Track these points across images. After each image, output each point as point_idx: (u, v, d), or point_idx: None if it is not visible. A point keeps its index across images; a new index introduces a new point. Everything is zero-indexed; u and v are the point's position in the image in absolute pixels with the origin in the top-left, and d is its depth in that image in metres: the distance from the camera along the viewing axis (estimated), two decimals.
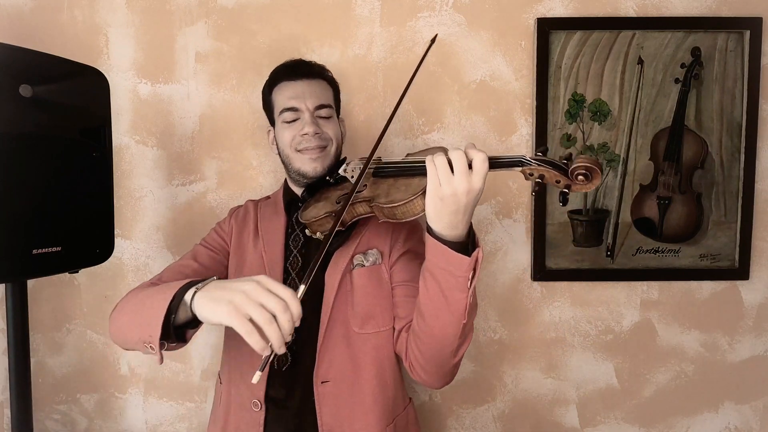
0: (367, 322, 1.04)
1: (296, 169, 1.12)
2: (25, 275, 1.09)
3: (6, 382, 1.28)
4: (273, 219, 1.15)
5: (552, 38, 1.40)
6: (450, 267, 0.83)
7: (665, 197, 1.44)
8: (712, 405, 1.51)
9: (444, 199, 0.79)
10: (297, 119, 1.10)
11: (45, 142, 1.04)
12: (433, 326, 0.89)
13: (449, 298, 0.85)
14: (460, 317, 0.86)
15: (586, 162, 0.77)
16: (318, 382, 1.01)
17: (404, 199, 0.87)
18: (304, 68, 1.14)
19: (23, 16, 1.40)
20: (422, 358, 0.95)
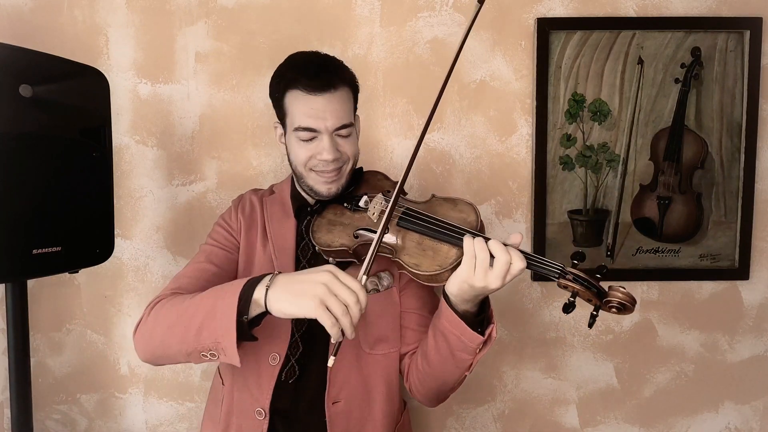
0: (378, 344, 1.04)
1: (308, 186, 1.05)
2: (25, 275, 1.09)
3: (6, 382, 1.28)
4: (283, 222, 1.09)
5: (552, 38, 1.40)
6: (464, 338, 0.87)
7: (665, 197, 1.44)
8: (712, 405, 1.51)
9: (474, 288, 0.83)
10: (314, 138, 1.00)
11: (45, 142, 1.04)
12: (438, 373, 0.95)
13: (456, 357, 0.90)
14: (464, 371, 0.92)
15: (624, 299, 0.79)
16: (329, 403, 1.00)
17: (432, 271, 0.87)
18: (324, 78, 0.98)
19: (23, 16, 1.40)
20: (423, 390, 1.01)
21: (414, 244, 0.92)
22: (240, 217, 1.11)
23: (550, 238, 1.44)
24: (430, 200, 1.01)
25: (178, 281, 1.02)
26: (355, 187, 1.09)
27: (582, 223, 1.45)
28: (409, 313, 1.06)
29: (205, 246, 1.10)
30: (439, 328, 0.91)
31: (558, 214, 1.44)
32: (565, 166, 1.43)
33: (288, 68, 1.03)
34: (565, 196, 1.44)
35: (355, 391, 1.02)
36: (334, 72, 1.01)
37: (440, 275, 0.87)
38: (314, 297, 0.74)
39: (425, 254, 0.90)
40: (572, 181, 1.44)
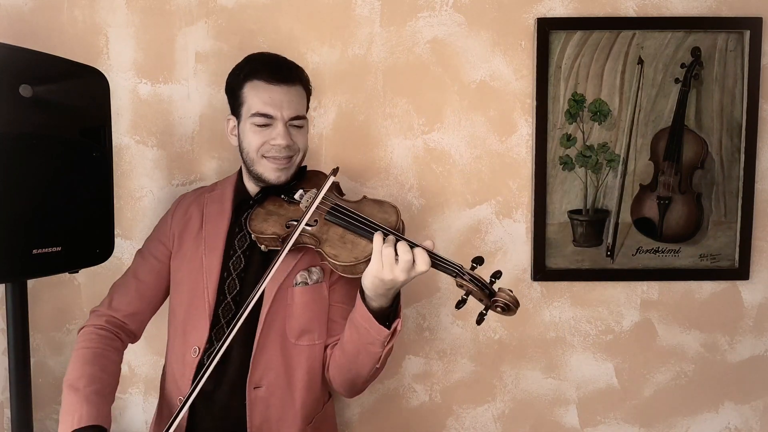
0: (303, 335, 1.09)
1: (258, 173, 1.11)
2: (25, 275, 1.09)
3: (6, 382, 1.28)
4: (217, 220, 1.14)
5: (552, 38, 1.40)
6: (372, 331, 0.95)
7: (665, 197, 1.44)
8: (712, 405, 1.51)
9: (384, 282, 0.90)
10: (268, 125, 1.07)
11: (45, 142, 1.04)
12: (353, 364, 1.02)
13: (368, 349, 0.98)
14: (375, 362, 0.99)
15: (509, 300, 0.88)
16: (251, 387, 1.05)
17: (348, 262, 0.96)
18: (285, 72, 1.09)
19: (23, 16, 1.40)
20: (340, 379, 1.08)
21: (337, 237, 1.00)
22: (173, 223, 1.18)
23: (550, 238, 1.44)
24: (361, 200, 1.11)
25: (111, 295, 1.15)
26: (297, 182, 1.15)
27: (582, 223, 1.45)
28: (335, 306, 1.12)
29: (137, 256, 1.20)
30: (353, 321, 0.99)
31: (558, 214, 1.44)
32: (565, 166, 1.43)
33: (250, 62, 1.12)
34: (565, 196, 1.44)
35: (277, 378, 1.07)
36: (293, 69, 1.12)
37: (356, 266, 0.96)
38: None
39: (345, 246, 0.98)
40: (572, 181, 1.44)
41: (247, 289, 1.08)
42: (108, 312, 1.13)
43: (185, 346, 1.09)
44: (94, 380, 1.01)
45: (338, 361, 1.06)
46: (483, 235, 1.46)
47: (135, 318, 1.15)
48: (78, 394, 0.97)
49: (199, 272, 1.10)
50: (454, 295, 1.46)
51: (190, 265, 1.12)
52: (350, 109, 1.43)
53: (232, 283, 1.10)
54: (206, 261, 1.10)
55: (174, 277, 1.15)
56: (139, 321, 1.17)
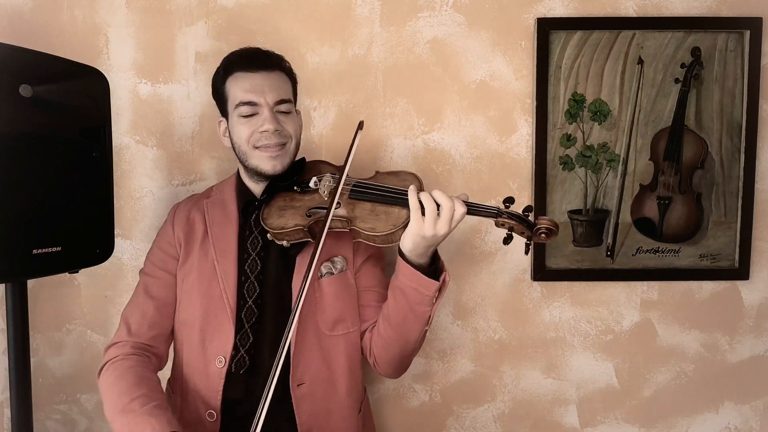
0: (336, 325, 1.08)
1: (254, 167, 1.08)
2: (25, 275, 1.10)
3: (6, 382, 1.28)
4: (224, 224, 1.11)
5: (552, 38, 1.40)
6: (421, 288, 0.94)
7: (665, 197, 1.44)
8: (712, 405, 1.51)
9: (425, 238, 0.90)
10: (255, 114, 1.05)
11: (45, 142, 1.04)
12: (400, 332, 1.01)
13: (416, 311, 0.97)
14: (424, 324, 0.99)
15: (549, 224, 0.93)
16: (294, 385, 1.03)
17: (387, 230, 0.96)
18: (263, 58, 1.08)
19: (23, 16, 1.40)
20: (388, 357, 1.06)
21: (367, 211, 1.00)
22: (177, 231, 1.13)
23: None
24: (376, 175, 1.11)
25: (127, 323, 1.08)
26: (299, 176, 1.13)
27: (582, 223, 1.45)
28: (365, 291, 1.12)
29: (143, 276, 1.14)
30: (397, 286, 0.97)
31: (558, 214, 1.44)
32: (565, 166, 1.43)
33: (227, 59, 1.11)
34: (565, 196, 1.44)
35: (318, 372, 1.05)
36: (271, 56, 1.11)
37: (395, 233, 0.96)
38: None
39: (378, 218, 0.98)
40: (572, 181, 1.44)
41: (268, 291, 1.06)
42: (130, 339, 1.06)
43: (206, 357, 1.05)
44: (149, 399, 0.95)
45: (383, 337, 1.04)
46: (483, 235, 1.46)
47: (159, 339, 1.10)
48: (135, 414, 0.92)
49: (213, 279, 1.06)
50: (454, 294, 1.46)
51: (200, 272, 1.08)
52: (350, 109, 1.43)
53: (251, 287, 1.07)
54: (220, 267, 1.07)
55: (182, 286, 1.10)
56: (164, 341, 1.12)
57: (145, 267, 1.15)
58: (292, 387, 1.03)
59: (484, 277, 1.46)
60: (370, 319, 1.11)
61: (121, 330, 1.08)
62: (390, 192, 1.00)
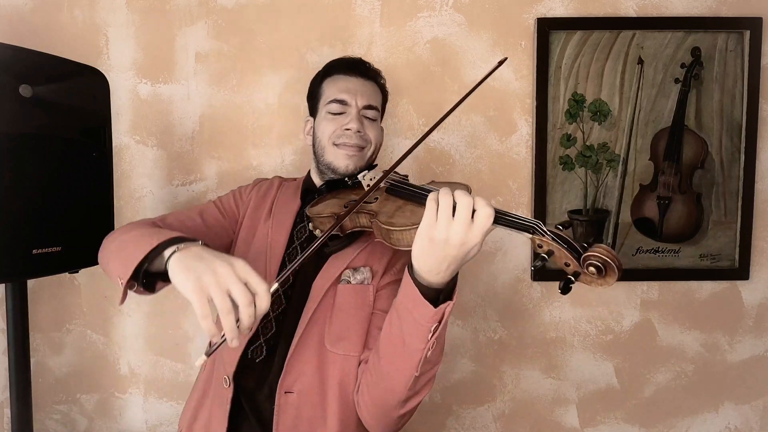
0: (339, 342, 0.98)
1: (327, 162, 1.09)
2: (25, 275, 1.09)
3: (6, 382, 1.28)
4: (288, 202, 1.13)
5: (552, 38, 1.40)
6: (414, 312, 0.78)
7: (665, 197, 1.44)
8: (712, 405, 1.51)
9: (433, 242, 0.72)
10: (343, 113, 1.08)
11: (45, 142, 1.04)
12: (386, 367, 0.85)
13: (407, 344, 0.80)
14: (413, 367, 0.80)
15: (606, 255, 0.65)
16: (281, 391, 0.96)
17: (402, 226, 0.80)
18: (362, 67, 1.13)
19: (23, 16, 1.40)
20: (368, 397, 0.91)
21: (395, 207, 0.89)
22: (252, 194, 1.17)
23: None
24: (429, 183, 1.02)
25: (165, 216, 1.08)
26: None
27: (582, 223, 1.45)
28: (379, 315, 1.00)
29: (209, 203, 1.16)
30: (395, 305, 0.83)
31: (558, 214, 1.44)
32: (565, 166, 1.43)
33: (330, 63, 1.15)
34: (565, 196, 1.44)
35: (309, 386, 0.97)
36: (372, 68, 1.15)
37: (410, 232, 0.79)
38: (196, 280, 0.70)
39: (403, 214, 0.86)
40: (572, 181, 1.44)
41: (299, 284, 1.04)
42: (157, 222, 1.05)
43: None
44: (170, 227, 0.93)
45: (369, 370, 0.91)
46: None
47: None
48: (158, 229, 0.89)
49: (263, 249, 1.07)
50: None
51: (257, 238, 1.10)
52: None
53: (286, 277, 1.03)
54: (271, 236, 1.08)
55: (239, 248, 1.11)
56: None
57: (215, 200, 1.17)
58: (278, 392, 0.96)
59: (484, 277, 1.46)
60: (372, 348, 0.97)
61: (159, 216, 1.08)
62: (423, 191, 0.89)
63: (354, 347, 0.98)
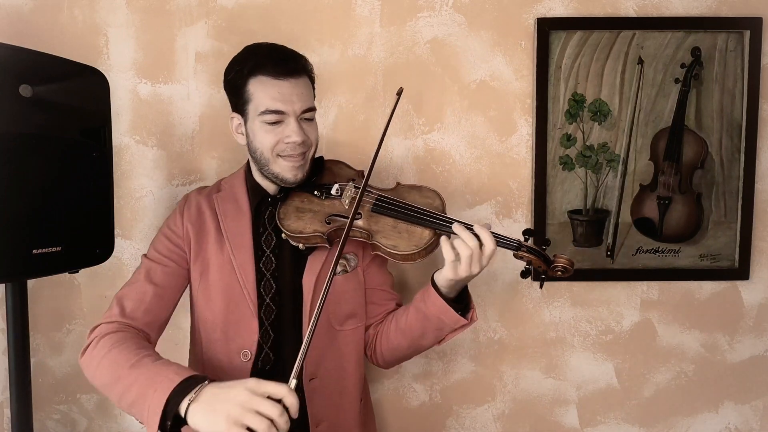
0: (347, 320, 1.11)
1: (274, 173, 1.05)
2: (25, 275, 1.10)
3: (6, 382, 1.28)
4: (238, 218, 1.09)
5: (552, 38, 1.40)
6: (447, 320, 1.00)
7: (665, 197, 1.44)
8: (712, 405, 1.51)
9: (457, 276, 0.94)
10: (280, 122, 1.01)
11: (45, 142, 1.04)
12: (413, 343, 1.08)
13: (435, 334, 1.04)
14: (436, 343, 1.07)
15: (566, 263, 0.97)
16: (306, 380, 1.05)
17: (409, 250, 0.99)
18: (292, 65, 1.03)
19: (23, 16, 1.40)
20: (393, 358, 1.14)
21: (389, 227, 1.02)
22: (186, 223, 1.10)
23: (550, 238, 1.43)
24: (397, 187, 1.12)
25: (121, 304, 1.02)
26: (318, 175, 1.12)
27: (582, 223, 1.45)
28: (373, 290, 1.15)
29: (146, 260, 1.09)
30: (422, 310, 1.02)
31: (558, 214, 1.44)
32: (565, 166, 1.43)
33: (251, 55, 1.04)
34: (565, 196, 1.44)
35: (329, 367, 1.08)
36: (298, 59, 1.06)
37: (416, 254, 0.99)
38: (227, 418, 0.73)
39: (401, 236, 1.00)
40: (572, 181, 1.44)
41: (285, 289, 1.07)
42: (123, 320, 1.00)
43: (229, 352, 1.04)
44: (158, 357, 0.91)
45: (393, 343, 1.10)
46: None
47: (153, 327, 1.04)
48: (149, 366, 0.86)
49: (231, 273, 1.05)
50: None
51: (218, 268, 1.06)
52: (350, 109, 1.43)
53: (268, 284, 1.06)
54: (236, 261, 1.05)
55: (198, 283, 1.08)
56: (157, 330, 1.07)
57: (148, 252, 1.11)
58: (304, 381, 1.04)
59: (484, 277, 1.46)
60: (375, 315, 1.15)
61: (113, 310, 1.01)
62: (414, 212, 1.02)
63: (361, 319, 1.13)
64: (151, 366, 0.86)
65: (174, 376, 0.82)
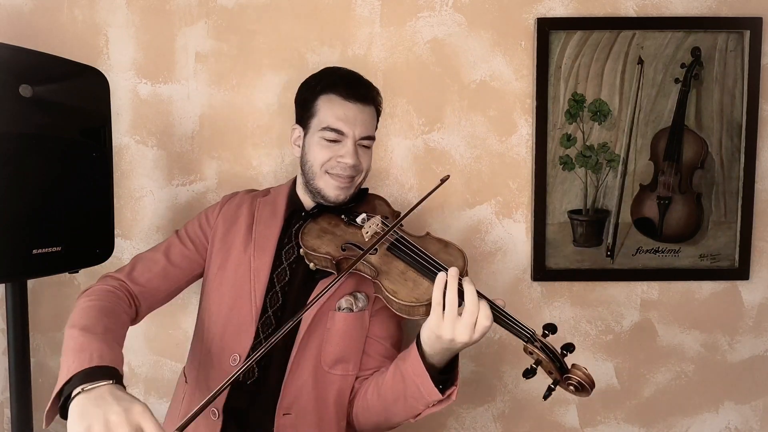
0: (338, 364, 1.03)
1: (317, 188, 1.06)
2: (25, 275, 1.10)
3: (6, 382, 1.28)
4: (270, 224, 1.10)
5: (552, 38, 1.40)
6: (421, 388, 0.88)
7: (665, 197, 1.44)
8: (712, 405, 1.51)
9: (441, 339, 0.83)
10: (338, 141, 1.04)
11: (45, 142, 1.04)
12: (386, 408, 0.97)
13: (408, 402, 0.91)
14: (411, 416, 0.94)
15: (584, 379, 0.81)
16: (280, 413, 0.99)
17: (407, 301, 0.88)
18: (363, 91, 1.07)
19: (23, 16, 1.40)
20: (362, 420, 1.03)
21: (398, 271, 0.94)
22: (220, 219, 1.12)
23: (550, 238, 1.44)
24: (424, 237, 1.05)
25: (133, 264, 1.07)
26: (356, 204, 1.11)
27: (582, 223, 1.45)
28: (373, 341, 1.06)
29: (174, 236, 1.14)
30: (401, 370, 0.92)
31: (558, 214, 1.44)
32: (565, 166, 1.43)
33: (327, 75, 1.09)
34: (565, 196, 1.44)
35: (306, 407, 1.01)
36: (370, 89, 1.10)
37: (415, 308, 0.89)
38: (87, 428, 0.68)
39: (406, 284, 0.91)
40: (572, 181, 1.44)
41: (289, 305, 1.04)
42: (124, 279, 1.03)
43: (223, 351, 1.03)
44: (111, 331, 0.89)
45: (369, 402, 1.00)
46: (483, 235, 1.46)
47: (149, 297, 1.05)
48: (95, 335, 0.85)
49: (246, 275, 1.05)
50: None
51: (237, 263, 1.06)
52: None
53: (275, 297, 1.05)
54: (255, 263, 1.05)
55: (219, 271, 1.08)
56: (151, 302, 1.07)
57: (180, 231, 1.14)
58: (277, 414, 0.99)
59: (484, 277, 1.46)
60: (366, 369, 1.06)
61: (126, 268, 1.07)
62: (427, 262, 0.93)
63: (353, 367, 1.04)
64: (93, 338, 0.85)
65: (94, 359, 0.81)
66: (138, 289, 1.04)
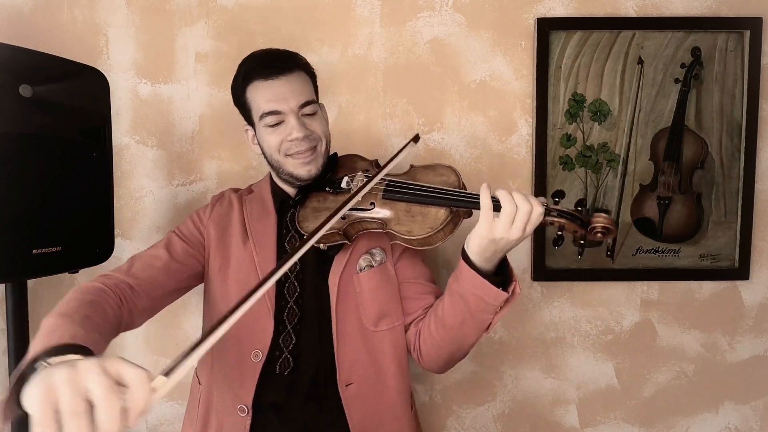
0: (381, 320, 1.04)
1: (289, 173, 1.05)
2: (25, 275, 1.10)
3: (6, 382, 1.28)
4: (263, 219, 1.09)
5: (552, 38, 1.40)
6: (486, 297, 0.88)
7: (665, 197, 1.44)
8: (712, 405, 1.51)
9: (494, 242, 0.83)
10: (281, 122, 1.01)
11: (45, 142, 1.04)
12: (455, 336, 0.96)
13: (476, 318, 0.91)
14: (482, 330, 0.94)
15: (607, 222, 0.82)
16: (342, 386, 1.00)
17: (424, 234, 0.91)
18: (279, 63, 1.02)
19: (23, 16, 1.40)
20: (437, 356, 1.01)
21: (403, 212, 0.95)
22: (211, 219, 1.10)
23: (550, 237, 1.44)
24: (410, 170, 1.06)
25: (132, 262, 1.01)
26: (332, 172, 1.10)
27: None
28: (407, 283, 1.07)
29: (171, 234, 1.09)
30: (456, 291, 0.91)
31: None
32: (565, 166, 1.43)
33: (244, 65, 1.06)
34: (565, 196, 1.44)
35: (366, 371, 1.02)
36: (287, 58, 1.04)
37: (433, 237, 0.92)
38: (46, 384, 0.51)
39: (415, 220, 0.93)
40: (572, 181, 1.44)
41: (307, 291, 1.04)
42: (122, 278, 0.96)
43: (240, 350, 1.01)
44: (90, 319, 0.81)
45: (435, 338, 0.99)
46: None
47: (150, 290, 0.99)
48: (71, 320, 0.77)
49: (252, 271, 1.04)
50: None
51: (239, 262, 1.05)
52: (350, 109, 1.43)
53: (291, 287, 1.04)
54: (258, 257, 1.04)
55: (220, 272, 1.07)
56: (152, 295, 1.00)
57: (175, 229, 1.11)
58: (340, 388, 1.00)
59: None
60: (413, 312, 1.06)
61: (123, 266, 1.00)
62: (424, 192, 0.94)
63: (397, 318, 1.05)
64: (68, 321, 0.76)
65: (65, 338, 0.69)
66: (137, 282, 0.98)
